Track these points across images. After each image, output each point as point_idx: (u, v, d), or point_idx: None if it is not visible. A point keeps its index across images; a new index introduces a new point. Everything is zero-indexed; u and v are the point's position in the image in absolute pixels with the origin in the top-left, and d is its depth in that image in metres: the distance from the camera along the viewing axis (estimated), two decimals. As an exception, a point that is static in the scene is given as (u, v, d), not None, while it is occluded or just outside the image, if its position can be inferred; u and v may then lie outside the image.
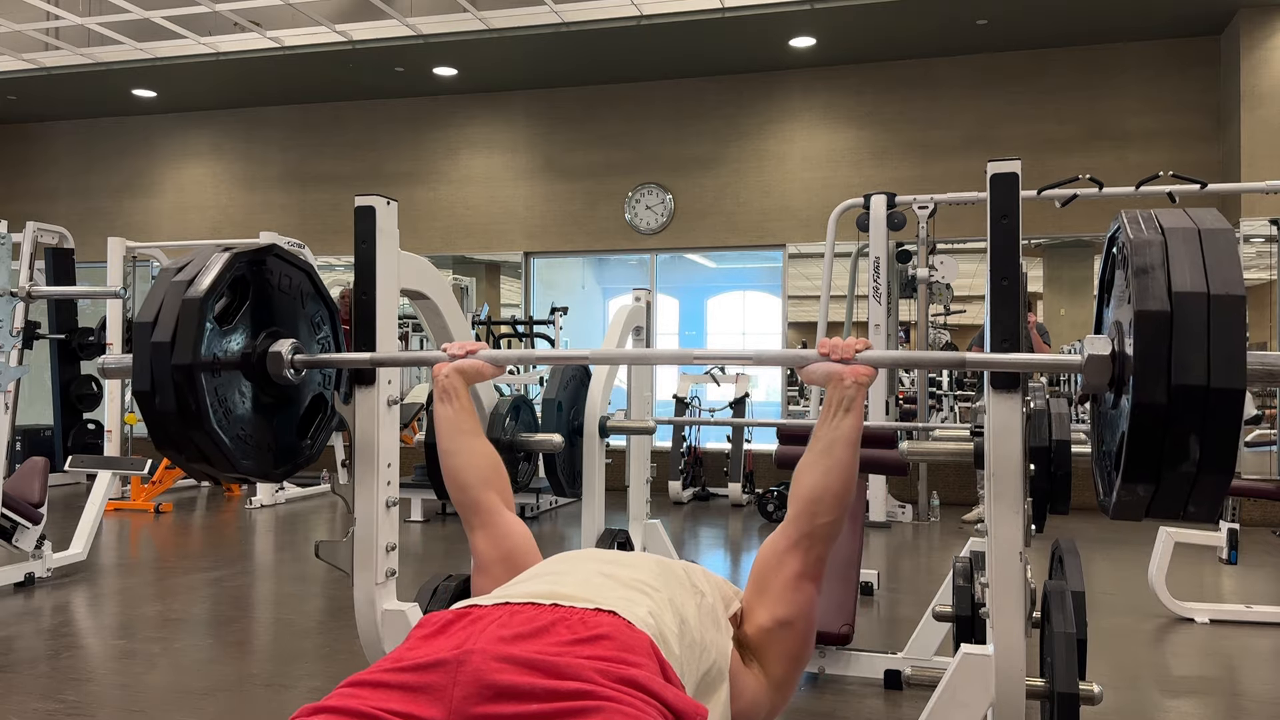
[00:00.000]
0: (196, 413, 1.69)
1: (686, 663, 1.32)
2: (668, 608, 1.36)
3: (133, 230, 9.23)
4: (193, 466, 1.80)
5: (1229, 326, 1.29)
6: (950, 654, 2.18)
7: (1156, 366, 1.30)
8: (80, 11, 7.69)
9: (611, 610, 1.28)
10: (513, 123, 9.13)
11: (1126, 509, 1.42)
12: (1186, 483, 1.34)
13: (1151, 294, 1.32)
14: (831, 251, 6.65)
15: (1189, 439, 1.30)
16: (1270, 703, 3.16)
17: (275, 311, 1.90)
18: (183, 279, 1.72)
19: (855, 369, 1.61)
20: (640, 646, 1.22)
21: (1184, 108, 7.51)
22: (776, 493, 6.80)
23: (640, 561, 1.52)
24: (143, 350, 1.70)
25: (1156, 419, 1.31)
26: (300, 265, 1.97)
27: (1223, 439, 1.30)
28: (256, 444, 1.84)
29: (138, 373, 1.70)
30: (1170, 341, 1.30)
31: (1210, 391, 1.28)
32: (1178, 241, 1.36)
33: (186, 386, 1.67)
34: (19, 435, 7.78)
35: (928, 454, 2.17)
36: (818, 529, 1.55)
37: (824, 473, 1.57)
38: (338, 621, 4.02)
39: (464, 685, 1.10)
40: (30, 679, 3.27)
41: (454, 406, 1.79)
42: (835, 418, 1.59)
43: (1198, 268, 1.32)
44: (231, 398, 1.78)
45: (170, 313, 1.69)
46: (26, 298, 4.71)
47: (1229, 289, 1.30)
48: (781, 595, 1.54)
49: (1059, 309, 8.25)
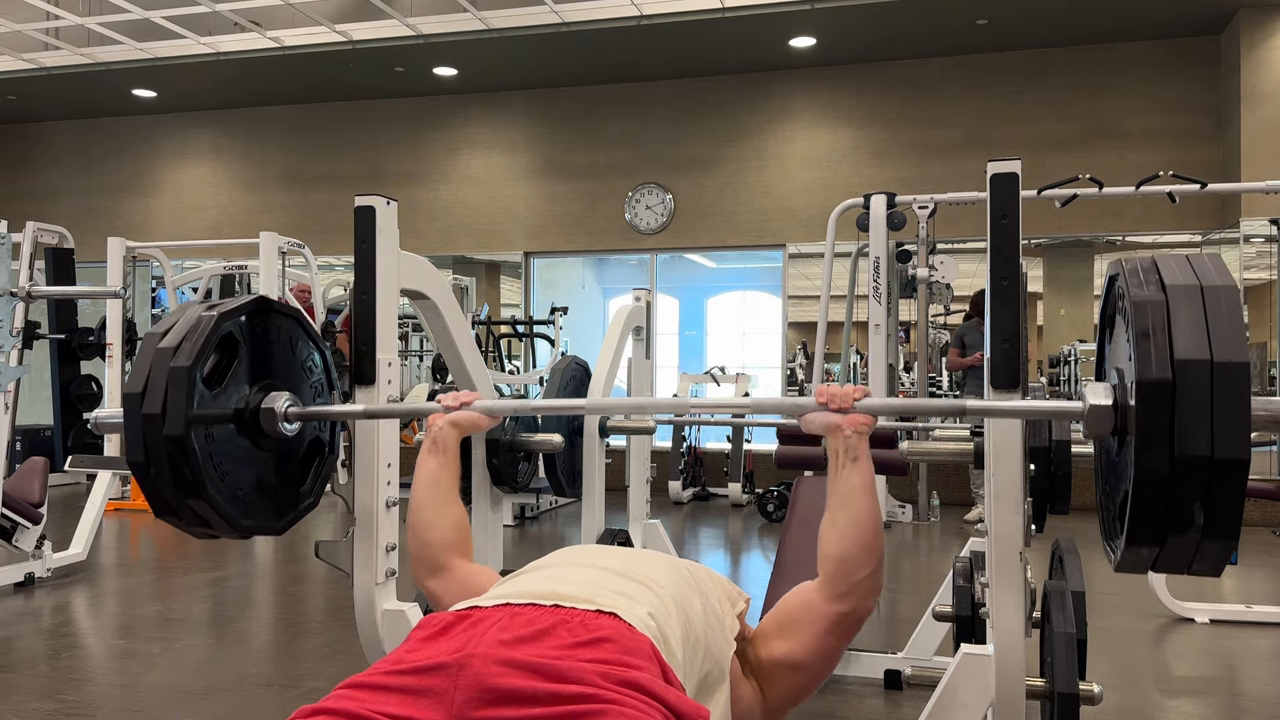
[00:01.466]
0: (193, 481, 1.65)
1: (689, 663, 1.32)
2: (671, 606, 1.36)
3: (133, 230, 9.22)
4: (194, 530, 1.77)
5: (1233, 395, 1.25)
6: (950, 654, 2.18)
7: (1159, 436, 1.27)
8: (80, 11, 7.69)
9: (612, 612, 1.28)
10: (513, 123, 9.13)
11: (1131, 566, 1.41)
12: (1190, 547, 1.32)
13: (1154, 361, 1.28)
14: (831, 251, 6.63)
15: (1193, 507, 1.28)
16: (1270, 703, 3.16)
17: (266, 362, 1.85)
18: (168, 345, 1.68)
19: (854, 418, 1.57)
20: (641, 649, 1.21)
21: (1184, 108, 7.51)
22: (776, 493, 6.80)
23: (645, 557, 1.52)
24: (134, 422, 1.66)
25: (1159, 488, 1.28)
26: (288, 312, 1.92)
27: (1227, 507, 1.28)
28: (257, 501, 1.82)
29: (130, 444, 1.67)
30: (1173, 411, 1.26)
31: (1214, 462, 1.25)
32: (1179, 301, 1.31)
33: (180, 457, 1.63)
34: (19, 435, 7.78)
35: (928, 454, 2.17)
36: (856, 586, 1.51)
37: (848, 527, 1.53)
38: (338, 621, 4.01)
39: (465, 689, 1.10)
40: (30, 679, 3.27)
41: (440, 461, 1.75)
42: (843, 469, 1.56)
43: (1200, 332, 1.28)
44: (228, 458, 1.74)
45: (158, 382, 1.65)
46: (26, 298, 4.71)
47: (1233, 356, 1.26)
48: (805, 643, 1.51)
49: (1059, 309, 8.25)
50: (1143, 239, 7.85)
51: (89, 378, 7.85)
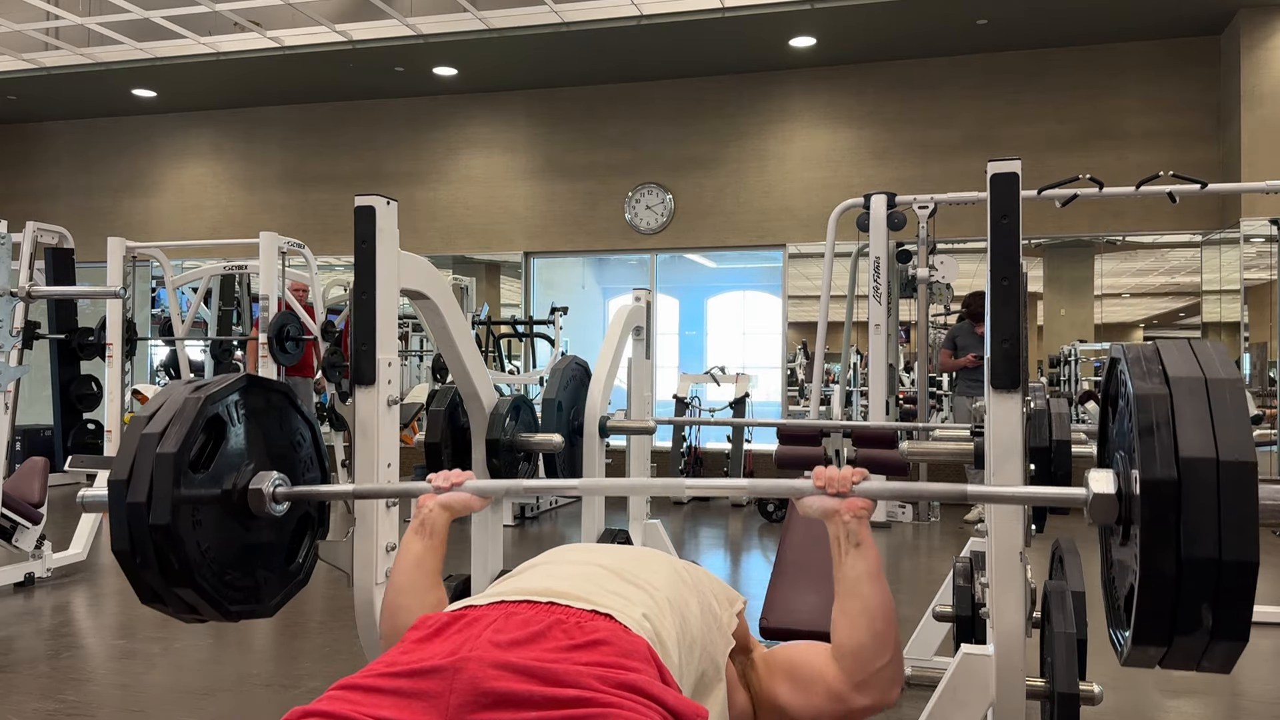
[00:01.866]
0: (180, 570, 1.62)
1: (685, 663, 1.32)
2: (666, 608, 1.35)
3: (133, 230, 9.22)
4: (182, 617, 1.74)
5: (1240, 496, 1.21)
6: (950, 654, 2.18)
7: (1165, 537, 1.23)
8: (80, 11, 7.69)
9: (608, 613, 1.27)
10: (513, 123, 9.13)
11: (1137, 662, 1.36)
12: (1199, 647, 1.28)
13: (1158, 459, 1.24)
14: (831, 251, 6.64)
15: (1200, 609, 1.23)
16: (1270, 703, 3.16)
17: (254, 441, 1.81)
18: (153, 431, 1.64)
19: (851, 502, 1.52)
20: (638, 651, 1.21)
21: (1184, 108, 7.51)
22: (776, 493, 6.79)
23: (642, 556, 1.51)
24: (119, 510, 1.62)
25: (1166, 590, 1.24)
26: (277, 387, 1.88)
27: (1237, 609, 1.23)
28: (246, 584, 1.78)
29: (115, 532, 1.63)
30: (1179, 512, 1.22)
31: (1222, 564, 1.21)
32: (1183, 396, 1.27)
33: (167, 545, 1.60)
34: (19, 435, 7.78)
35: (928, 454, 2.17)
36: (875, 676, 1.46)
37: (858, 616, 1.47)
38: (338, 621, 4.02)
39: (460, 693, 1.09)
40: (30, 679, 3.27)
41: (427, 544, 1.69)
42: (847, 556, 1.51)
43: (1205, 430, 1.24)
44: (216, 543, 1.70)
45: (144, 470, 1.61)
46: (26, 298, 4.71)
47: (1239, 454, 1.22)
48: (809, 709, 1.49)
49: (1059, 309, 8.25)
50: (1143, 239, 7.85)
51: (89, 378, 7.84)
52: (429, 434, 2.79)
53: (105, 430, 7.51)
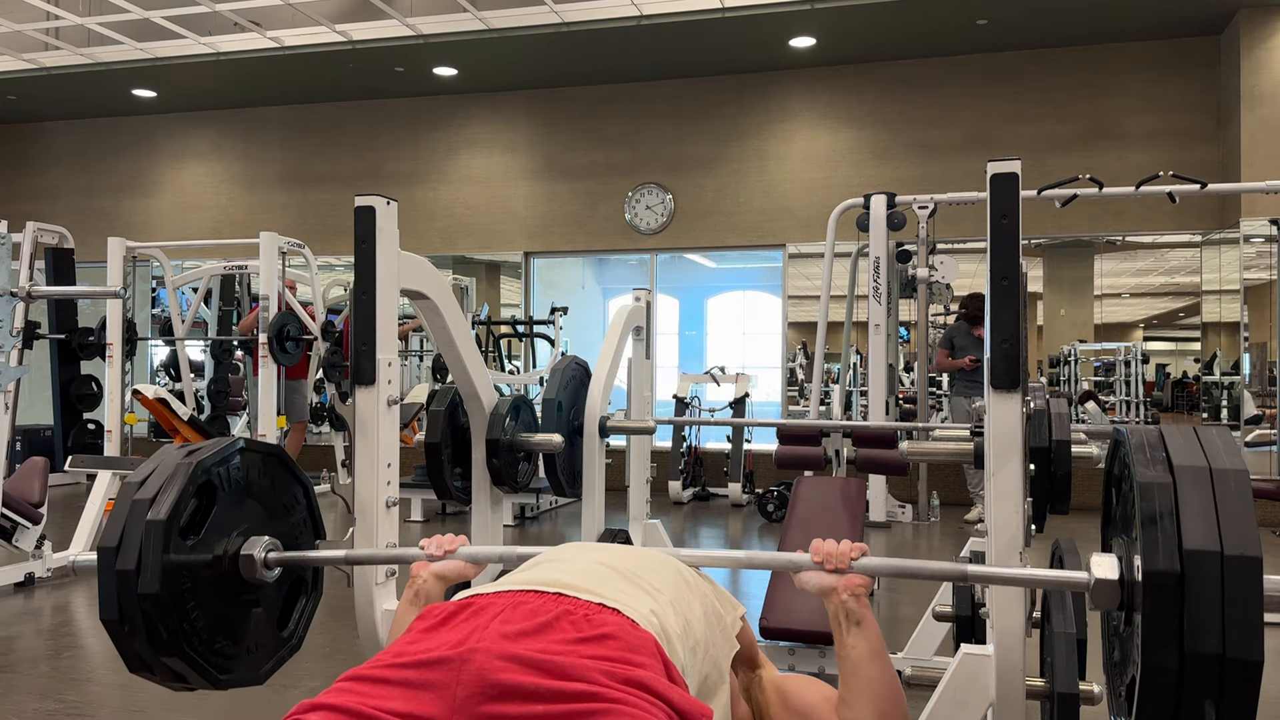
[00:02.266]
0: (169, 640, 1.61)
1: (689, 664, 1.31)
2: (670, 608, 1.35)
3: (133, 230, 9.23)
4: (171, 685, 1.72)
5: (1245, 591, 1.19)
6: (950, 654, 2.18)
7: (1167, 630, 1.21)
8: (80, 11, 7.69)
9: (616, 607, 1.27)
10: (513, 123, 9.13)
11: None
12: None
13: (1161, 551, 1.22)
14: (831, 251, 6.64)
15: (1203, 706, 1.21)
16: (1270, 703, 3.16)
17: (246, 505, 1.78)
18: (144, 498, 1.63)
19: (850, 580, 1.51)
20: (645, 646, 1.21)
21: (1184, 108, 7.51)
22: (776, 493, 6.80)
23: (645, 557, 1.51)
24: (108, 577, 1.62)
25: (1168, 684, 1.22)
26: (270, 451, 1.85)
27: (1241, 707, 1.19)
28: (237, 653, 1.75)
29: (104, 601, 1.63)
30: (1182, 605, 1.21)
31: (1226, 661, 1.19)
32: (1188, 486, 1.25)
33: (156, 615, 1.59)
34: (19, 435, 7.78)
35: (928, 454, 2.17)
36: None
37: (864, 698, 1.46)
38: (338, 621, 4.01)
39: (467, 684, 1.08)
40: (30, 679, 3.27)
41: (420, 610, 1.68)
42: (848, 636, 1.49)
43: (1210, 522, 1.22)
44: (206, 610, 1.68)
45: (133, 538, 1.60)
46: (26, 298, 4.71)
47: (1245, 549, 1.19)
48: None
49: (1059, 309, 8.25)
50: (1143, 239, 7.85)
51: (89, 378, 7.84)
52: (429, 434, 2.79)
53: (105, 430, 7.52)
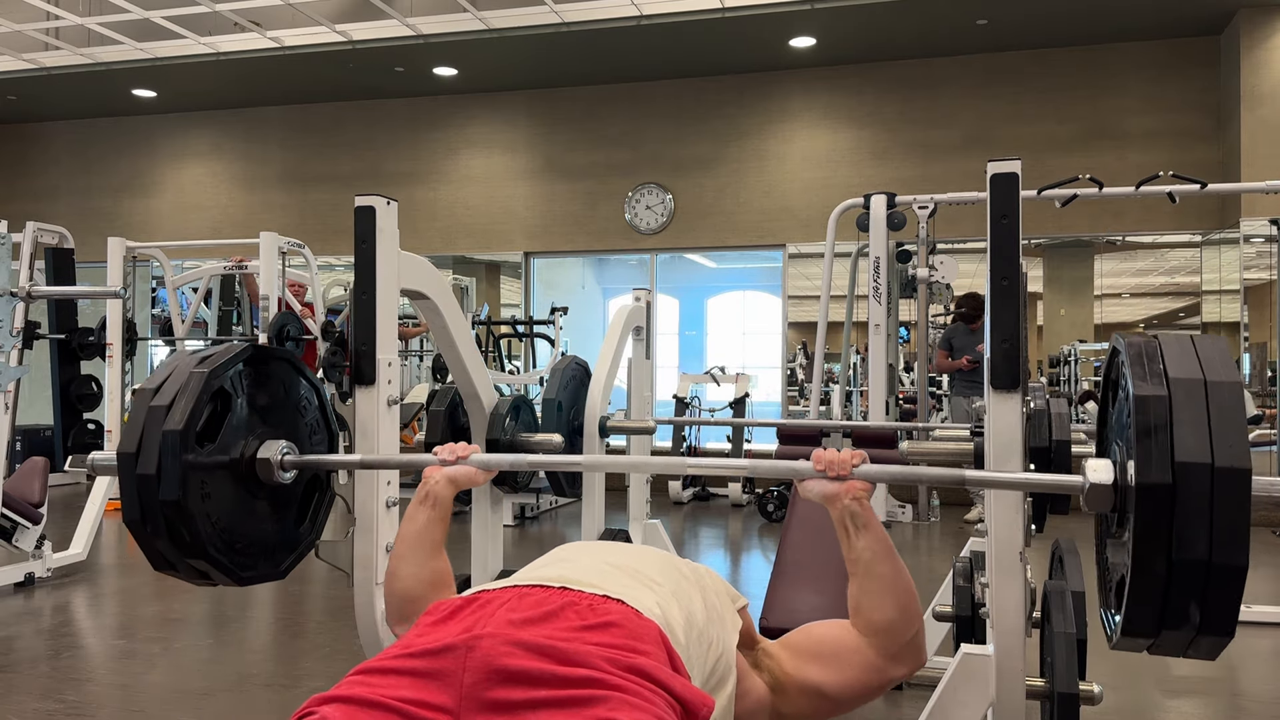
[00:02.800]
0: (191, 542, 1.65)
1: (694, 654, 1.32)
2: (673, 600, 1.36)
3: (133, 230, 9.23)
4: (195, 581, 1.77)
5: (1233, 501, 1.23)
6: (950, 654, 2.18)
7: (1157, 538, 1.26)
8: (80, 11, 7.69)
9: (619, 598, 1.28)
10: (513, 123, 9.12)
11: (1126, 647, 1.40)
12: (1185, 640, 1.31)
13: (1154, 463, 1.26)
14: (831, 251, 6.64)
15: (1188, 607, 1.27)
16: (1270, 703, 3.16)
17: (260, 410, 1.83)
18: (160, 404, 1.66)
19: (851, 485, 1.54)
20: (649, 635, 1.22)
21: (1184, 108, 7.50)
22: (776, 493, 6.80)
23: (645, 554, 1.52)
24: (129, 482, 1.65)
25: (1155, 587, 1.28)
26: (281, 355, 1.90)
27: (1224, 609, 1.27)
28: (257, 550, 1.80)
29: (126, 504, 1.66)
30: (1172, 515, 1.25)
31: (1212, 566, 1.24)
32: (1182, 398, 1.28)
33: (177, 519, 1.63)
34: (19, 435, 7.79)
35: (928, 454, 2.17)
36: (907, 647, 1.50)
37: (882, 595, 1.50)
38: (338, 621, 4.02)
39: (474, 670, 1.10)
40: (30, 679, 3.27)
41: (431, 515, 1.71)
42: (858, 538, 1.53)
43: (1202, 434, 1.25)
44: (226, 513, 1.72)
45: (152, 445, 1.64)
46: (26, 298, 4.71)
47: (1235, 461, 1.24)
48: (848, 683, 1.50)
49: (1059, 309, 8.25)
50: (1143, 239, 7.84)
51: (89, 378, 7.83)
52: (429, 434, 2.79)
53: (105, 430, 7.52)
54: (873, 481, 1.55)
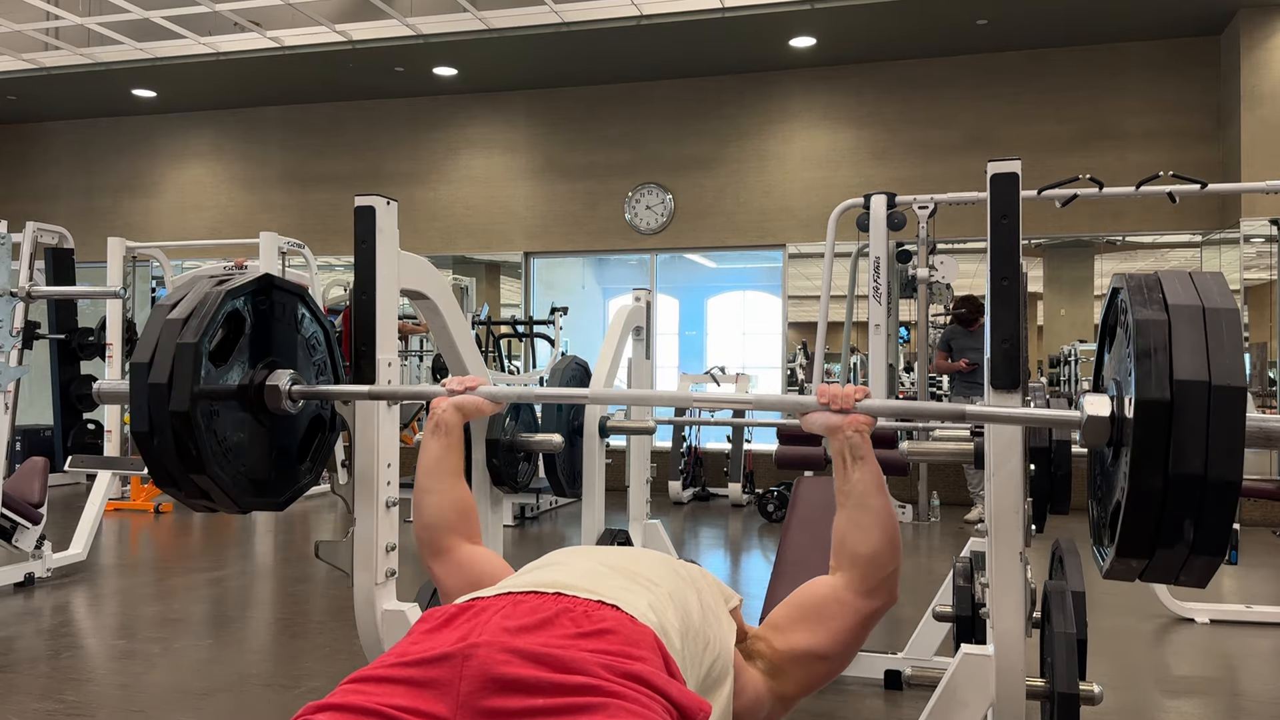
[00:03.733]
0: (196, 457, 1.67)
1: (689, 657, 1.32)
2: (669, 602, 1.36)
3: (133, 230, 9.23)
4: (194, 503, 1.78)
5: (1229, 418, 1.28)
6: (950, 654, 2.18)
7: (1154, 454, 1.30)
8: (80, 11, 7.69)
9: (614, 604, 1.28)
10: (513, 123, 9.12)
11: (1118, 574, 1.44)
12: (1179, 560, 1.35)
13: (1153, 381, 1.31)
14: (831, 251, 6.63)
15: (1183, 524, 1.30)
16: (1270, 703, 3.16)
17: (271, 340, 1.88)
18: (177, 317, 1.70)
19: (854, 418, 1.58)
20: (644, 640, 1.22)
21: (1184, 108, 7.51)
22: (776, 493, 6.80)
23: (640, 556, 1.53)
24: (140, 392, 1.68)
25: (1152, 504, 1.31)
26: (293, 290, 1.95)
27: (1217, 525, 1.30)
28: (258, 478, 1.83)
29: (135, 414, 1.68)
30: (1170, 431, 1.29)
31: (1207, 482, 1.28)
32: (1181, 322, 1.34)
33: (185, 432, 1.65)
34: (19, 435, 7.78)
35: (928, 454, 2.17)
36: (885, 580, 1.54)
37: (871, 527, 1.55)
38: (338, 621, 4.02)
39: (470, 679, 1.10)
40: (30, 679, 3.27)
41: (444, 442, 1.75)
42: (854, 470, 1.58)
43: (1200, 355, 1.31)
44: (231, 434, 1.75)
45: (165, 355, 1.66)
46: (26, 298, 4.71)
47: (1231, 380, 1.28)
48: (835, 635, 1.53)
49: (1059, 309, 8.25)
50: (1143, 239, 7.84)
51: (89, 378, 7.81)
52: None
53: (105, 430, 7.52)
54: (875, 416, 1.61)
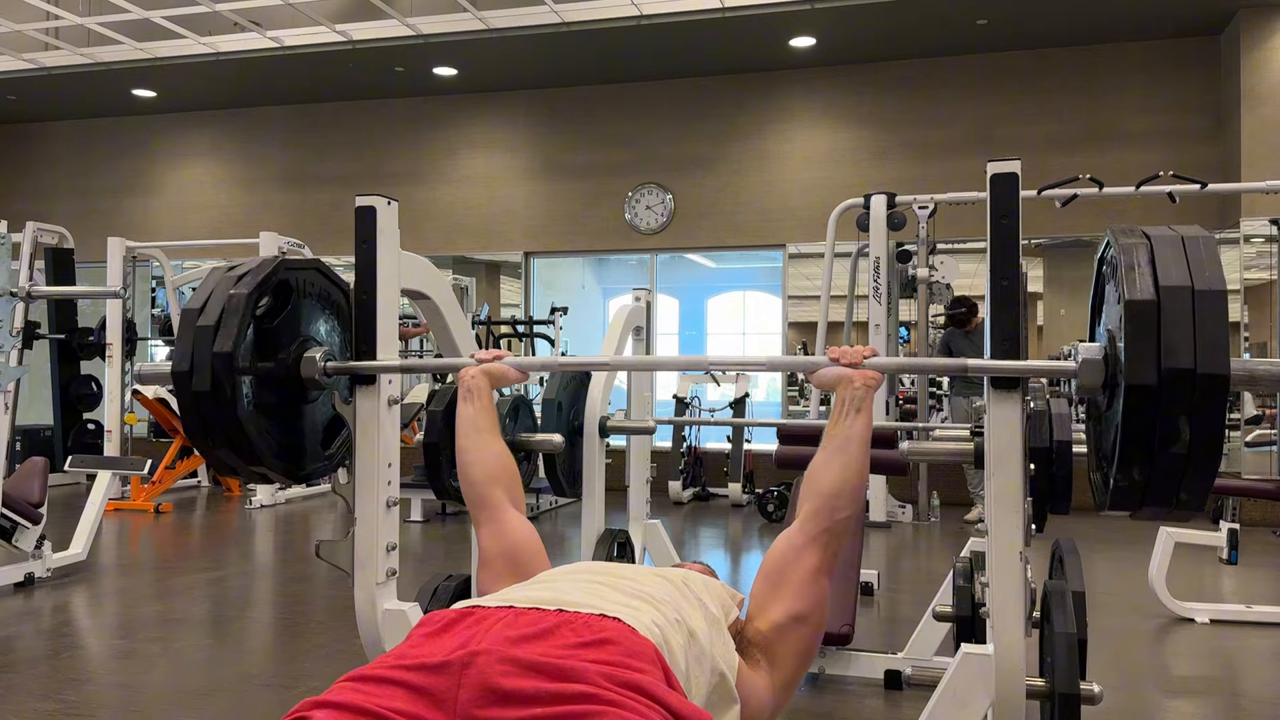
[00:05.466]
0: (231, 398, 1.76)
1: (693, 676, 1.32)
2: (673, 620, 1.36)
3: (132, 230, 9.22)
4: (218, 454, 1.86)
5: (1213, 318, 1.37)
6: (950, 654, 2.18)
7: (1146, 350, 1.39)
8: (80, 11, 7.69)
9: (616, 616, 1.27)
10: (513, 123, 9.12)
11: (1122, 495, 1.48)
12: (1178, 466, 1.41)
13: (1140, 286, 1.42)
14: (831, 251, 6.65)
15: (1178, 421, 1.38)
16: (1270, 703, 3.16)
17: (312, 322, 2.00)
18: (233, 275, 1.84)
19: (864, 372, 1.67)
20: (645, 653, 1.21)
21: (1184, 108, 7.50)
22: (776, 493, 6.79)
23: (642, 574, 1.52)
24: (187, 333, 1.80)
25: (1148, 399, 1.39)
26: (339, 283, 2.07)
27: (1210, 423, 1.38)
28: (281, 443, 1.92)
29: (179, 354, 1.79)
30: (1159, 328, 1.39)
31: (1197, 376, 1.36)
32: (1163, 245, 1.46)
33: (223, 372, 1.75)
34: (19, 435, 7.79)
35: (928, 454, 2.17)
36: (836, 524, 1.58)
37: (841, 469, 1.61)
38: (338, 621, 4.01)
39: (469, 688, 1.09)
40: (30, 679, 3.27)
41: (475, 405, 1.84)
42: (847, 417, 1.65)
43: (1182, 266, 1.42)
44: (263, 395, 1.87)
45: (217, 303, 1.79)
46: (26, 298, 4.70)
47: (1212, 285, 1.39)
48: (799, 590, 1.55)
49: (1059, 309, 8.24)
50: (1143, 239, 7.84)
51: (89, 378, 7.84)
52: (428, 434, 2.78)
53: (105, 430, 7.52)
54: (882, 372, 1.71)
